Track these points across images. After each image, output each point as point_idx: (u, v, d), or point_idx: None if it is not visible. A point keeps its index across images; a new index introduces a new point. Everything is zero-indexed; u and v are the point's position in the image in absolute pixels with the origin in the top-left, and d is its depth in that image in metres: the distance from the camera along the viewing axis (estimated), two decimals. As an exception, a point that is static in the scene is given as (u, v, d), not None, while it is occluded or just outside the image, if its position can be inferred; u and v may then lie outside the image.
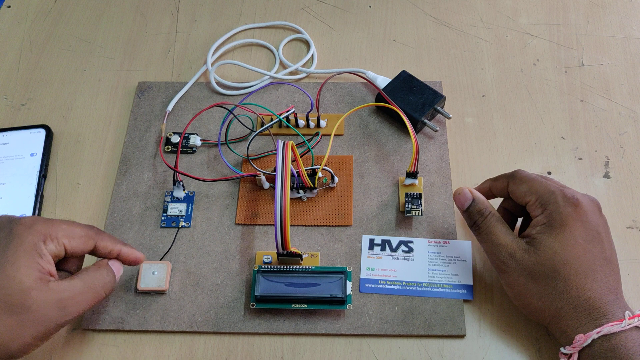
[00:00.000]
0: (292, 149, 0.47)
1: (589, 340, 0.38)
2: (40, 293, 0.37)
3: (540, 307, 0.41)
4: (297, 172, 0.49)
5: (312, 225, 0.50)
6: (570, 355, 0.39)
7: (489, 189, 0.47)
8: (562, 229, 0.40)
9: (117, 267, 0.43)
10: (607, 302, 0.39)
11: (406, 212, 0.49)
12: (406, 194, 0.50)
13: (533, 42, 0.62)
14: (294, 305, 0.45)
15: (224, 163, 0.53)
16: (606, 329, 0.37)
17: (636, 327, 0.38)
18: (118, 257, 0.43)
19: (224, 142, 0.54)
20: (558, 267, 0.40)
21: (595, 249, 0.40)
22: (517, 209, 0.47)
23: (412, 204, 0.49)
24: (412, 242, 0.49)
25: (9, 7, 0.68)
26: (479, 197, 0.45)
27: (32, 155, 0.55)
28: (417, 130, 0.54)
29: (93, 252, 0.42)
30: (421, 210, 0.49)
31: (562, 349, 0.40)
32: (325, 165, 0.50)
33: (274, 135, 0.55)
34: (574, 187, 0.51)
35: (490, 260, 0.44)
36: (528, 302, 0.41)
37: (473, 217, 0.44)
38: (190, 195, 0.52)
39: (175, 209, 0.51)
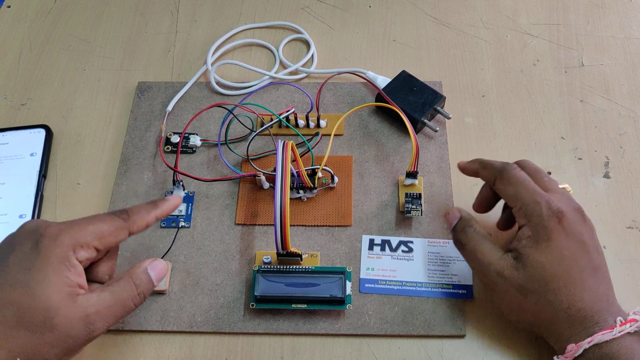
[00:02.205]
0: (292, 149, 0.47)
1: (581, 350, 0.37)
2: (67, 311, 0.36)
3: (534, 321, 0.41)
4: (297, 172, 0.49)
5: (312, 225, 0.50)
6: None
7: (476, 172, 0.46)
8: (548, 243, 0.40)
9: (158, 270, 0.41)
10: (599, 311, 0.38)
11: (406, 212, 0.49)
12: (406, 194, 0.50)
13: (533, 42, 0.62)
14: (293, 306, 0.45)
15: (223, 163, 0.53)
16: (598, 337, 0.37)
17: (628, 333, 0.37)
18: (156, 221, 0.42)
19: (224, 142, 0.54)
20: (548, 280, 0.39)
21: (582, 260, 0.40)
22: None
23: (412, 204, 0.49)
24: (411, 242, 0.49)
25: (9, 7, 0.68)
26: (466, 215, 0.45)
27: (32, 155, 0.55)
28: (417, 130, 0.54)
29: (129, 236, 0.41)
30: (421, 210, 0.49)
31: (555, 358, 0.39)
32: (325, 165, 0.50)
33: (273, 135, 0.55)
34: (573, 188, 0.52)
35: (479, 279, 0.43)
36: (522, 317, 0.41)
37: (457, 234, 0.44)
38: (190, 195, 0.52)
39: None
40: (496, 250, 0.42)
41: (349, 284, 0.46)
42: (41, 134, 0.56)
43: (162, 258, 0.49)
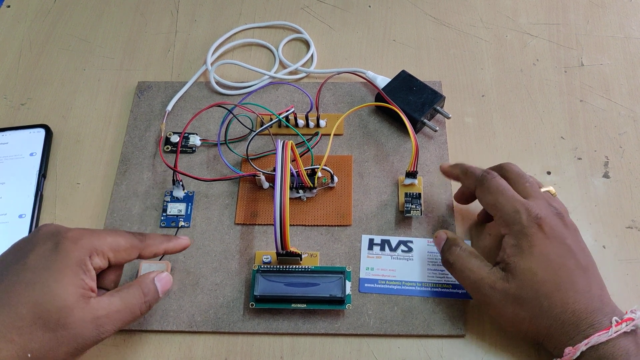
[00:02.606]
0: (292, 149, 0.47)
1: (578, 353, 0.37)
2: (80, 311, 0.37)
3: (532, 330, 0.40)
4: (296, 171, 0.49)
5: (311, 225, 0.50)
6: None
7: (458, 177, 0.47)
8: (532, 249, 0.40)
9: (164, 282, 0.43)
10: (593, 312, 0.38)
11: (405, 212, 0.49)
12: (405, 193, 0.50)
13: (533, 42, 0.62)
14: (293, 305, 0.45)
15: (223, 163, 0.53)
16: (594, 339, 0.37)
17: (625, 333, 0.37)
18: (164, 253, 0.44)
19: (224, 142, 0.54)
20: (539, 287, 0.39)
21: (569, 262, 0.40)
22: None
23: (412, 204, 0.49)
24: (411, 242, 0.49)
25: (9, 7, 0.68)
26: (452, 235, 0.45)
27: (31, 155, 0.55)
28: (417, 130, 0.54)
29: (138, 258, 0.42)
30: (420, 210, 0.49)
31: None
32: (325, 165, 0.50)
33: (273, 135, 0.55)
34: (573, 188, 0.52)
35: (473, 297, 0.43)
36: (520, 328, 0.41)
37: (444, 255, 0.44)
38: (190, 195, 0.52)
39: (174, 208, 0.51)
40: (484, 264, 0.42)
41: (348, 284, 0.46)
42: (41, 133, 0.56)
43: (161, 258, 0.49)
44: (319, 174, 0.50)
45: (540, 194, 0.44)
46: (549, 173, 0.53)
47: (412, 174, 0.50)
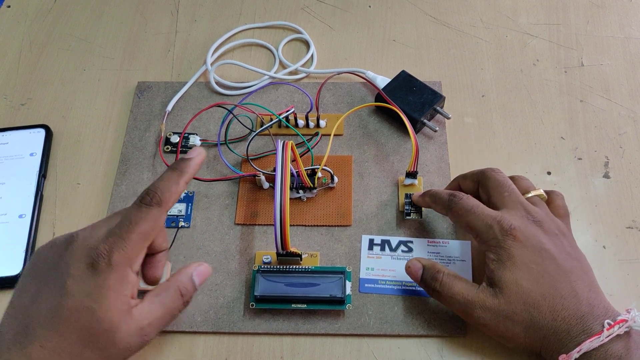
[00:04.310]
0: (292, 149, 0.47)
1: None
2: (126, 326, 0.37)
3: (529, 343, 0.40)
4: (296, 172, 0.49)
5: (311, 225, 0.50)
6: None
7: (429, 205, 0.48)
8: (512, 261, 0.40)
9: (202, 276, 0.41)
10: (583, 316, 0.38)
11: (405, 215, 0.49)
12: (406, 194, 0.50)
13: (533, 42, 0.62)
14: (293, 305, 0.45)
15: (223, 163, 0.53)
16: (586, 345, 0.37)
17: (618, 336, 0.37)
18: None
19: (224, 142, 0.54)
20: (525, 297, 0.39)
21: (550, 268, 0.40)
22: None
23: (412, 206, 0.49)
24: (411, 242, 0.49)
25: (9, 7, 0.68)
26: (428, 263, 0.44)
27: (31, 155, 0.55)
28: (417, 130, 0.54)
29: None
30: (421, 213, 0.49)
31: None
32: (325, 165, 0.50)
33: (273, 135, 0.55)
34: (573, 188, 0.52)
35: (466, 320, 0.43)
36: (517, 343, 0.41)
37: (429, 284, 0.43)
38: (190, 195, 0.52)
39: (174, 208, 0.51)
40: (471, 285, 0.42)
41: (348, 284, 0.46)
42: (41, 133, 0.56)
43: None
44: (319, 174, 0.50)
45: (518, 202, 0.43)
46: (549, 173, 0.53)
47: (412, 174, 0.50)
